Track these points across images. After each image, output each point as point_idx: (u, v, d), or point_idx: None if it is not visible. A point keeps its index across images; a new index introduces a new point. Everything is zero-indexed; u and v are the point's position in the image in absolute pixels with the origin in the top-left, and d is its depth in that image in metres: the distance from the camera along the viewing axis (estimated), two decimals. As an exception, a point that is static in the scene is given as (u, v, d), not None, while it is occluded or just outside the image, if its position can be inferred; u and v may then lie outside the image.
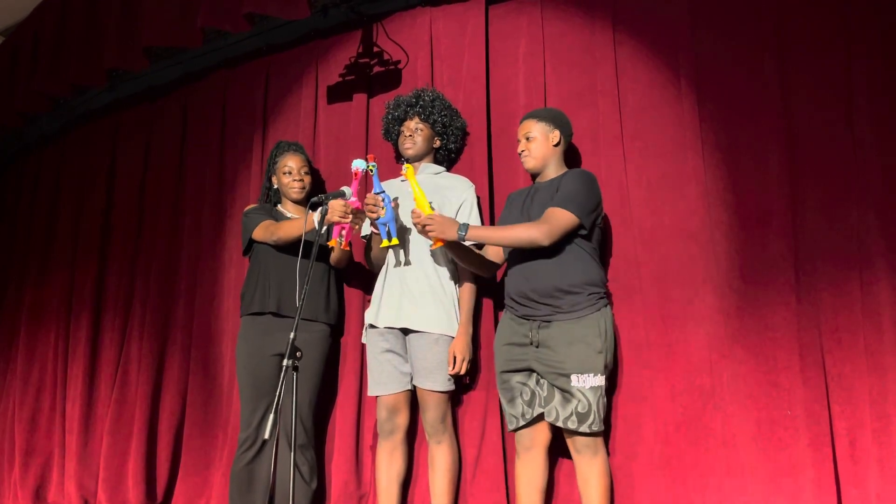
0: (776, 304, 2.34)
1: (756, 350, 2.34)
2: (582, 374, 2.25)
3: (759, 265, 2.39)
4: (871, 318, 2.21)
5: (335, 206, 2.52)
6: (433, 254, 2.64)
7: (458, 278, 2.67)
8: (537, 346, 2.33)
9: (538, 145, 2.48)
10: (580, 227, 2.33)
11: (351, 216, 2.53)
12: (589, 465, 2.28)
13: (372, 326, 2.70)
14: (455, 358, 2.56)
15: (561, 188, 2.36)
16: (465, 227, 2.34)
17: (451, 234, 2.34)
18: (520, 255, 2.42)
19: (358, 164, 2.61)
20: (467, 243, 2.46)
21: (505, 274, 2.53)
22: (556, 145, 2.50)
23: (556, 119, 2.51)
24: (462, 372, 2.58)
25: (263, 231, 2.81)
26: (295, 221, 2.73)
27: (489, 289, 2.75)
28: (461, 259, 2.53)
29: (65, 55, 3.96)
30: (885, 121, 2.30)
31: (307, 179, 2.98)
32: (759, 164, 2.45)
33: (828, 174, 2.36)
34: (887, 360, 2.16)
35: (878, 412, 2.14)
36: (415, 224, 2.43)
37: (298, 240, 2.60)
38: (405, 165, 2.56)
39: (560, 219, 2.30)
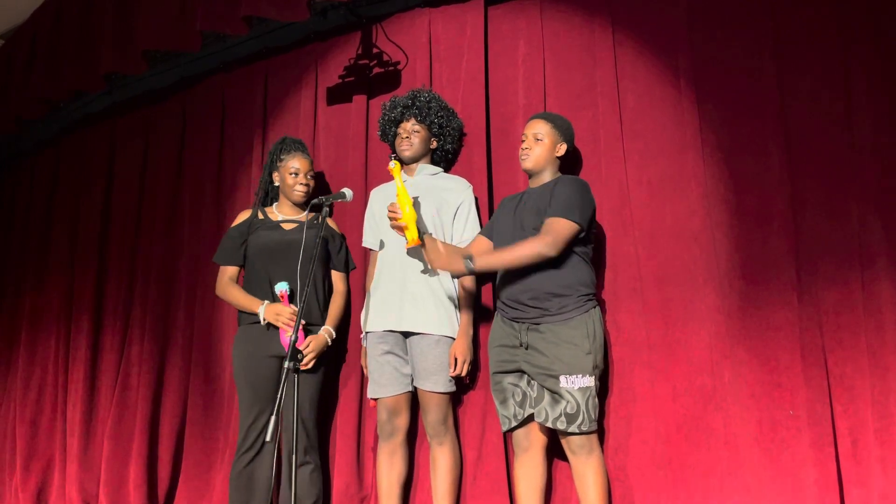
0: (777, 304, 2.34)
1: (757, 350, 2.34)
2: (570, 375, 2.26)
3: (759, 265, 2.39)
4: (872, 316, 2.21)
5: (275, 312, 2.68)
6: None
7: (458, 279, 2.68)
8: (526, 348, 2.34)
9: (544, 149, 2.48)
10: (580, 232, 2.34)
11: (292, 323, 2.63)
12: (584, 465, 2.29)
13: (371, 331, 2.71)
14: (456, 360, 2.56)
15: (556, 195, 2.36)
16: (471, 257, 2.31)
17: (459, 267, 2.31)
18: None
19: (281, 287, 2.70)
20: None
21: (496, 276, 2.53)
22: (558, 156, 2.52)
23: (567, 132, 2.54)
24: (463, 374, 2.58)
25: (221, 279, 2.89)
26: (246, 301, 2.78)
27: (490, 290, 2.75)
28: None
29: (62, 59, 3.96)
30: (884, 119, 2.31)
31: (312, 183, 2.97)
32: (759, 163, 2.46)
33: (828, 173, 2.36)
34: (889, 359, 2.16)
35: (880, 412, 2.14)
36: (390, 219, 2.48)
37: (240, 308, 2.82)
38: (392, 161, 2.57)
39: (563, 228, 2.31)
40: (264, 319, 2.72)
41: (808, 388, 2.24)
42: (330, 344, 2.78)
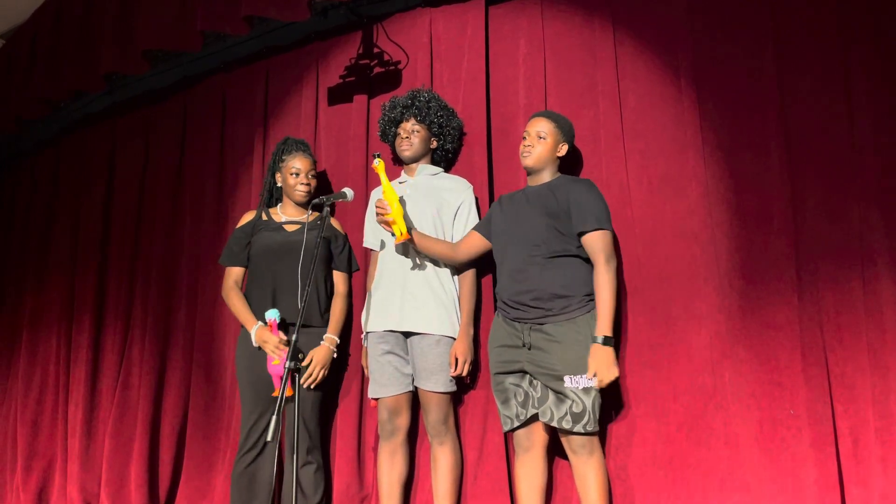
0: (778, 304, 2.34)
1: (758, 349, 2.34)
2: (575, 374, 2.26)
3: (760, 264, 2.39)
4: (873, 316, 2.21)
5: (262, 339, 2.68)
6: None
7: (457, 275, 2.69)
8: (529, 349, 2.35)
9: (546, 148, 2.48)
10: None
11: (281, 351, 2.64)
12: (585, 465, 2.29)
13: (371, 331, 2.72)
14: (457, 360, 2.56)
15: (577, 204, 2.36)
16: (599, 338, 2.25)
17: (611, 356, 2.23)
18: (513, 258, 2.43)
19: (270, 316, 2.69)
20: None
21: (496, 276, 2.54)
22: (559, 156, 2.53)
23: (570, 132, 2.55)
24: (464, 374, 2.59)
25: (226, 282, 2.91)
26: (244, 314, 2.80)
27: (490, 289, 2.75)
28: (430, 254, 2.62)
29: (62, 59, 3.96)
30: (884, 118, 2.31)
31: (314, 183, 2.97)
32: (759, 163, 2.46)
33: (828, 172, 2.36)
34: (890, 358, 2.16)
35: (881, 411, 2.14)
36: (377, 213, 2.56)
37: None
38: (376, 159, 2.58)
39: (607, 239, 2.35)
40: (254, 342, 2.73)
41: (809, 388, 2.24)
42: (335, 352, 2.79)
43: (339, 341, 2.81)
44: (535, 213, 2.42)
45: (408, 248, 2.69)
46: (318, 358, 2.72)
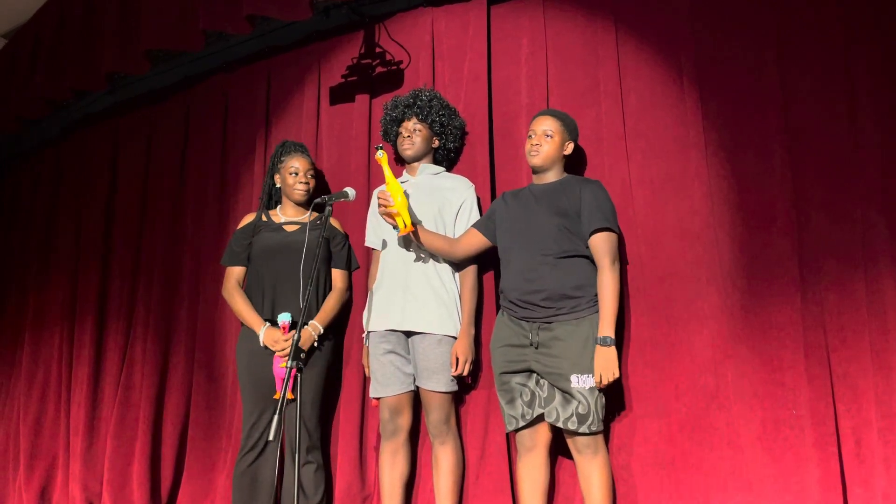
0: (780, 304, 2.33)
1: (760, 349, 2.34)
2: (581, 374, 2.26)
3: (763, 264, 2.39)
4: (876, 316, 2.21)
5: (273, 339, 2.68)
6: (433, 254, 2.65)
7: (458, 272, 2.68)
8: (537, 348, 2.34)
9: (553, 146, 2.48)
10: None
11: (286, 347, 2.66)
12: (590, 465, 2.29)
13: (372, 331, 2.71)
14: (458, 359, 2.56)
15: (588, 204, 2.36)
16: (601, 339, 2.27)
17: (613, 357, 2.25)
18: (521, 258, 2.42)
19: (284, 318, 2.70)
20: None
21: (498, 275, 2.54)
22: (565, 154, 2.53)
23: (575, 131, 2.55)
24: (465, 373, 2.58)
25: (227, 282, 2.91)
26: (249, 315, 2.79)
27: (491, 288, 2.75)
28: (430, 248, 2.61)
29: (64, 59, 3.97)
30: (887, 118, 2.30)
31: (312, 182, 2.98)
32: (762, 162, 2.45)
33: (831, 172, 2.35)
34: (893, 358, 2.16)
35: (884, 411, 2.14)
36: (380, 205, 2.55)
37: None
38: (380, 151, 2.58)
39: (613, 241, 2.36)
40: (262, 342, 2.73)
41: (812, 388, 2.24)
42: (316, 339, 2.77)
43: (322, 330, 2.79)
44: (544, 213, 2.41)
45: (409, 244, 2.69)
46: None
